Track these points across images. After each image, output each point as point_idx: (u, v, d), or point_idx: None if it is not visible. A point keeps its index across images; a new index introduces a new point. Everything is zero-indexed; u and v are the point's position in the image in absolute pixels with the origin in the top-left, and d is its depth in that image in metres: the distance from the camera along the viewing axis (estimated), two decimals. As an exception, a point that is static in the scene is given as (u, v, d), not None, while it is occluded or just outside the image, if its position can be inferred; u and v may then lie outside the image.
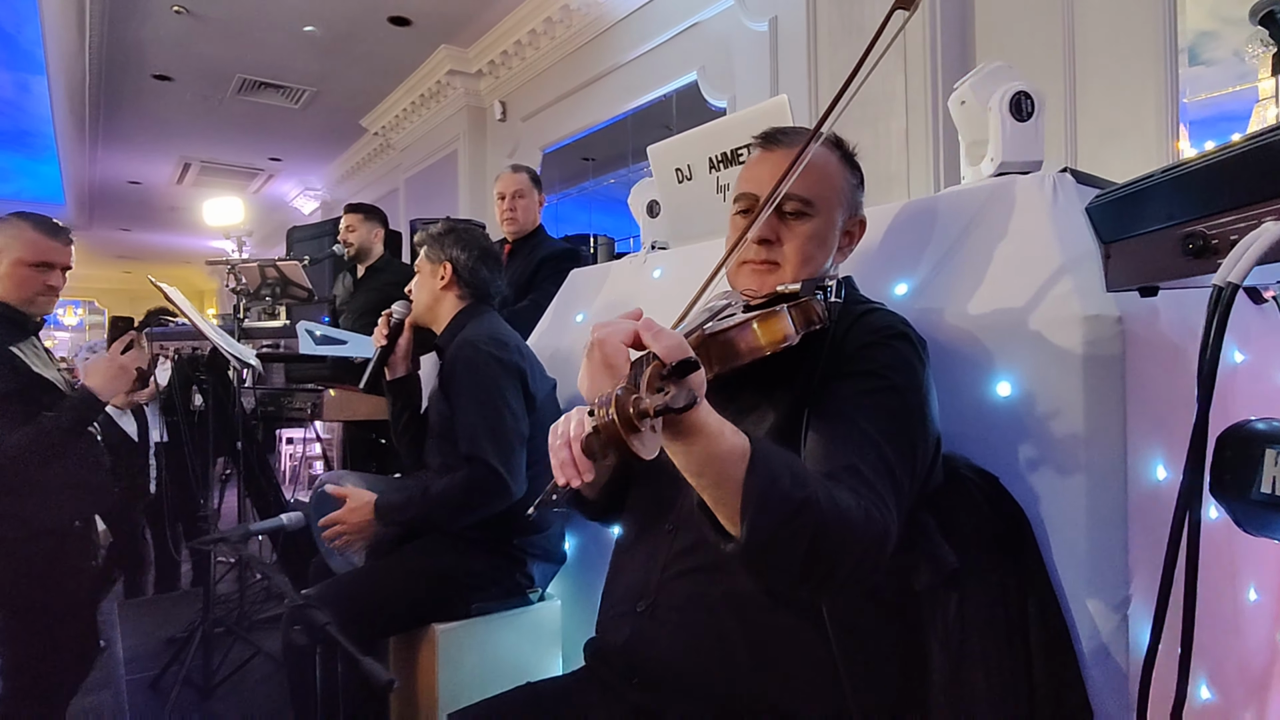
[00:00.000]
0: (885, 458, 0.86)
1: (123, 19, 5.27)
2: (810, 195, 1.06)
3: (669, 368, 0.67)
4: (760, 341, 0.86)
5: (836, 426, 0.90)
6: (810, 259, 1.06)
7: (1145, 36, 2.42)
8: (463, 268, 1.94)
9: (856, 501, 0.80)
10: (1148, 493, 1.03)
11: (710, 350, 0.84)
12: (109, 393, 1.98)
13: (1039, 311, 1.07)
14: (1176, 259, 0.79)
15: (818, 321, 0.95)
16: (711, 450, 0.72)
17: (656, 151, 1.92)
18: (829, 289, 1.00)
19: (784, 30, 3.55)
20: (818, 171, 1.07)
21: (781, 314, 0.88)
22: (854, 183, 1.13)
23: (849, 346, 0.96)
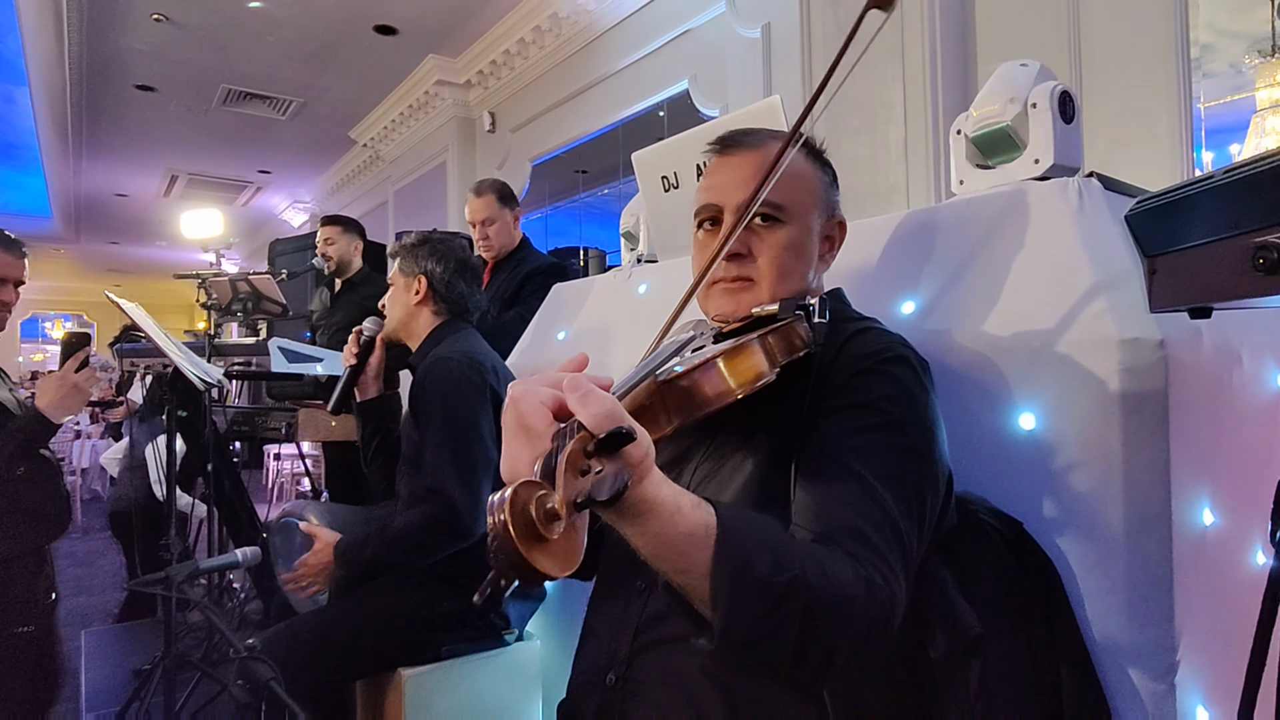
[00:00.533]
0: (888, 510, 0.73)
1: (102, 28, 5.16)
2: (780, 199, 0.93)
3: (595, 441, 0.52)
4: (729, 384, 0.71)
5: (829, 475, 0.76)
6: (788, 271, 0.94)
7: (1155, 43, 2.31)
8: (438, 281, 1.81)
9: (855, 571, 0.67)
10: (1194, 541, 0.90)
11: (667, 399, 0.69)
12: (60, 413, 1.86)
13: (1067, 334, 0.94)
14: (1243, 275, 0.66)
15: (801, 347, 0.82)
16: (665, 534, 0.60)
17: (641, 159, 1.79)
18: (812, 308, 0.85)
19: (777, 37, 3.45)
20: (786, 172, 0.93)
21: (752, 347, 0.73)
22: (827, 181, 1.00)
23: (838, 375, 0.83)
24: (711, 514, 0.62)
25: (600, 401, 0.55)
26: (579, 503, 0.49)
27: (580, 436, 0.52)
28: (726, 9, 3.72)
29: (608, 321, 1.87)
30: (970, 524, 0.89)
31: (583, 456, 0.51)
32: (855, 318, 0.95)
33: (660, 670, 0.84)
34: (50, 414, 1.85)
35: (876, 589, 0.67)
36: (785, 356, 0.79)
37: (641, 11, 4.29)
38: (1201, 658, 0.89)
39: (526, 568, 0.47)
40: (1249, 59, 3.04)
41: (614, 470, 0.52)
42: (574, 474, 0.50)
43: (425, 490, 1.57)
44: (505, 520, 0.47)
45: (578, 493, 0.49)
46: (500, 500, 0.48)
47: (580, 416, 0.54)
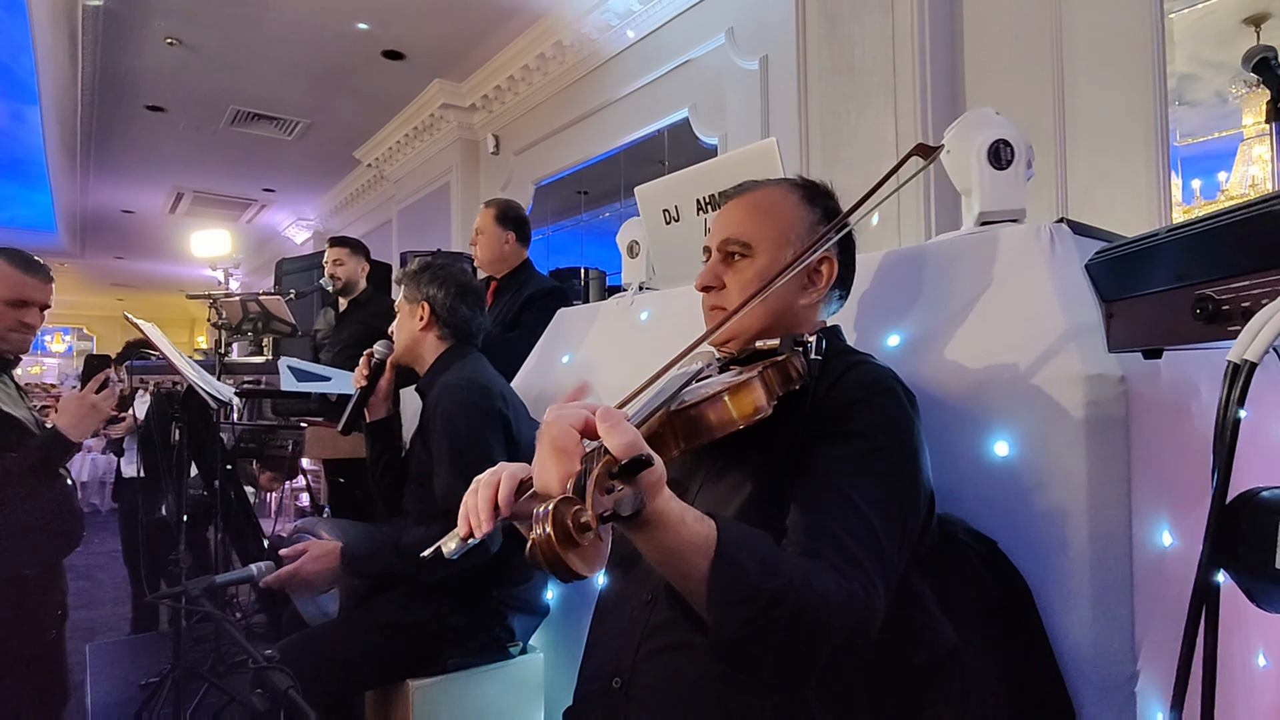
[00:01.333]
0: (872, 529, 0.81)
1: (116, 50, 5.28)
2: (747, 237, 1.06)
3: (619, 465, 0.62)
4: (733, 414, 0.80)
5: (819, 496, 0.85)
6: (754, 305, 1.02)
7: (1133, 80, 2.42)
8: (441, 307, 1.88)
9: (837, 582, 0.75)
10: (1153, 560, 0.98)
11: (676, 427, 0.78)
12: (79, 432, 1.92)
13: (1038, 369, 1.03)
14: (1185, 322, 0.75)
15: (796, 380, 0.91)
16: (671, 543, 0.69)
17: (644, 192, 1.89)
18: (809, 345, 0.94)
19: (774, 69, 3.57)
20: (761, 212, 1.09)
21: (753, 384, 0.82)
22: (813, 219, 1.08)
23: (832, 405, 0.91)
24: (712, 527, 0.71)
25: (625, 432, 0.64)
26: (605, 516, 0.59)
27: (606, 460, 0.62)
28: (726, 41, 3.84)
29: (611, 346, 1.95)
30: (949, 543, 0.97)
31: (607, 478, 0.61)
32: (849, 351, 1.03)
33: (664, 674, 0.91)
34: (69, 433, 1.90)
35: (856, 599, 0.75)
36: (783, 388, 0.87)
37: (643, 41, 4.41)
38: (1160, 666, 0.96)
39: (564, 568, 0.56)
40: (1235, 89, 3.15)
41: (633, 491, 0.61)
42: (601, 492, 0.60)
43: (439, 511, 1.63)
44: (548, 531, 0.56)
45: (604, 508, 0.59)
46: (543, 513, 0.57)
47: (608, 443, 0.64)
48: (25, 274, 1.92)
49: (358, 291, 3.62)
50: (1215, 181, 3.97)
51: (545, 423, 0.70)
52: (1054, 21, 2.59)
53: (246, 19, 4.87)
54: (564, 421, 0.68)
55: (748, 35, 3.75)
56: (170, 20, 4.94)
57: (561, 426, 0.67)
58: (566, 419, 0.68)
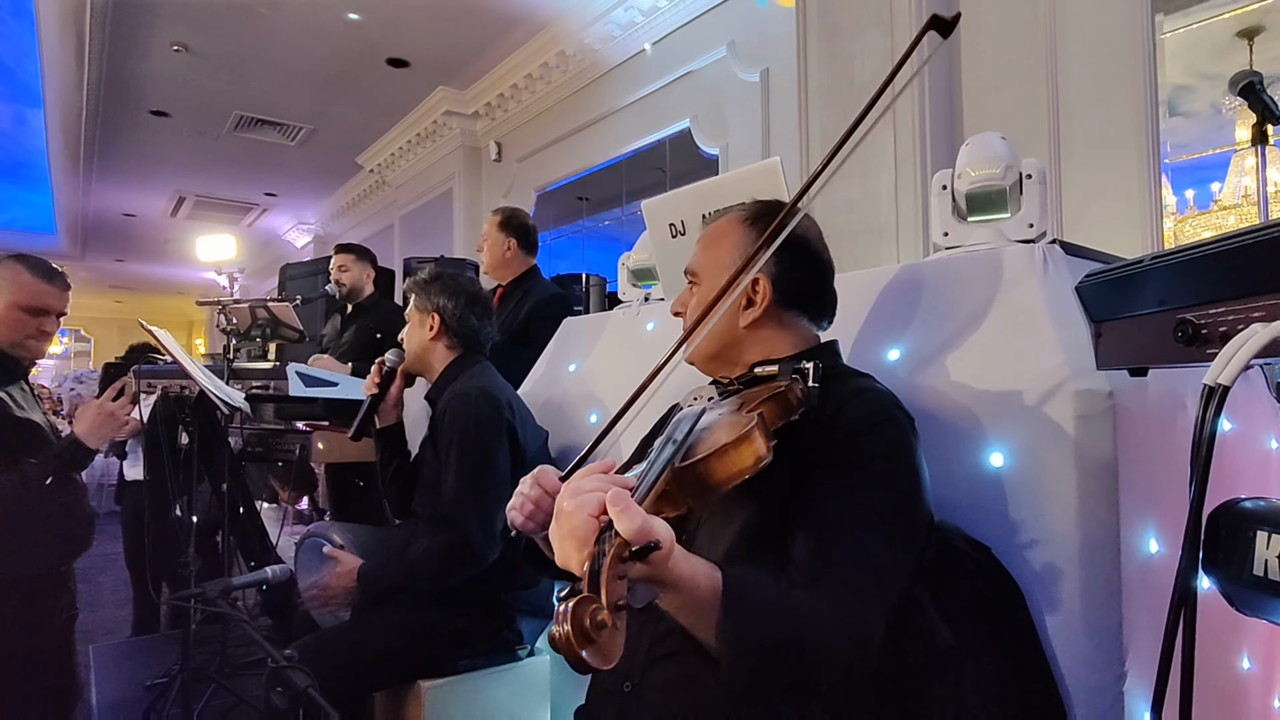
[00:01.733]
0: (874, 559, 0.86)
1: (122, 55, 5.33)
2: (696, 266, 1.16)
3: (630, 551, 0.66)
4: (737, 466, 0.80)
5: (822, 526, 0.88)
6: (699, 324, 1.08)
7: (1126, 97, 2.49)
8: (450, 317, 1.93)
9: (836, 619, 0.80)
10: (1141, 566, 1.03)
11: (684, 484, 0.79)
12: (96, 440, 1.95)
13: (1031, 383, 1.08)
14: (1167, 344, 0.80)
15: (797, 408, 0.93)
16: (682, 603, 0.74)
17: (651, 206, 1.94)
18: (806, 371, 0.97)
19: (775, 81, 3.63)
20: (709, 241, 1.17)
21: (753, 433, 0.82)
22: (749, 240, 1.10)
23: (834, 434, 0.94)
24: (719, 580, 0.75)
25: (635, 517, 0.66)
26: (620, 606, 0.62)
27: (619, 543, 0.65)
28: (727, 53, 3.91)
29: (617, 356, 2.00)
30: (946, 550, 1.02)
31: (620, 561, 0.65)
32: (848, 375, 1.06)
33: (673, 677, 0.96)
34: (87, 440, 1.93)
35: (856, 635, 0.80)
36: (782, 420, 0.90)
37: (645, 53, 4.47)
38: (1147, 669, 1.01)
39: (582, 665, 0.59)
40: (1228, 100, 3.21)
41: (647, 576, 0.67)
42: (614, 578, 0.63)
43: (443, 518, 1.68)
44: (567, 630, 0.59)
45: (619, 596, 0.63)
46: (562, 613, 0.60)
47: (620, 528, 0.66)
48: (46, 282, 1.96)
49: (363, 297, 3.67)
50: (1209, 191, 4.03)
51: (561, 510, 0.73)
52: (1048, 40, 2.66)
53: (251, 26, 4.93)
54: (581, 512, 0.70)
55: (749, 48, 3.81)
56: (176, 27, 4.99)
57: (579, 518, 0.70)
58: (583, 509, 0.70)
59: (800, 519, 0.91)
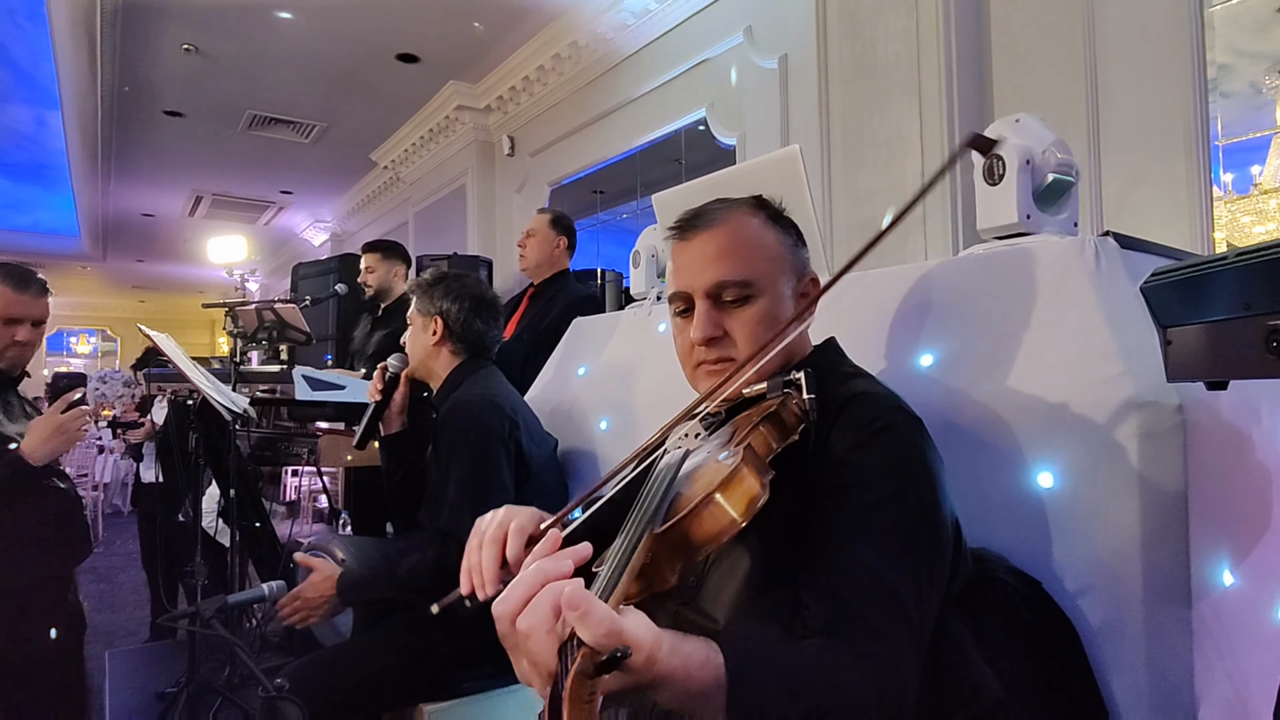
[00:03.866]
0: (893, 591, 0.75)
1: (134, 57, 5.30)
2: (746, 275, 0.94)
3: (596, 663, 0.53)
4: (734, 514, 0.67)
5: (831, 561, 0.77)
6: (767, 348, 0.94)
7: (1171, 75, 2.33)
8: (454, 321, 1.84)
9: (864, 673, 0.69)
10: (1214, 602, 0.91)
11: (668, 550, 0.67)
12: (43, 455, 1.83)
13: (1085, 394, 0.96)
14: (1256, 356, 0.68)
15: (796, 425, 0.81)
16: (679, 697, 0.61)
17: (662, 200, 1.83)
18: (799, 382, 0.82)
19: (794, 68, 3.49)
20: (747, 244, 0.95)
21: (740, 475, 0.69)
22: (790, 242, 0.99)
23: (834, 449, 0.83)
24: (720, 662, 0.63)
25: (599, 622, 0.54)
26: None
27: (583, 655, 0.53)
28: (744, 40, 3.77)
29: (629, 358, 1.89)
30: (989, 583, 0.90)
31: (584, 679, 0.52)
32: (846, 376, 0.94)
33: None
34: (32, 456, 1.81)
35: (887, 688, 0.69)
36: (781, 442, 0.79)
37: (659, 41, 4.35)
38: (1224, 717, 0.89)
39: None
40: (1269, 79, 3.03)
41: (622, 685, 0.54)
42: (580, 702, 0.51)
43: (440, 533, 1.59)
44: None
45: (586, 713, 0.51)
46: None
47: (582, 636, 0.54)
48: (17, 291, 1.89)
49: (392, 298, 3.48)
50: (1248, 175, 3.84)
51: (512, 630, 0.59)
52: (1086, 14, 2.50)
53: (260, 25, 4.87)
54: (536, 632, 0.57)
55: (766, 34, 3.67)
56: (187, 27, 4.95)
57: (535, 641, 0.57)
58: (536, 627, 0.57)
59: (808, 555, 0.80)
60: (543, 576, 0.60)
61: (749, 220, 0.99)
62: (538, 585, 0.59)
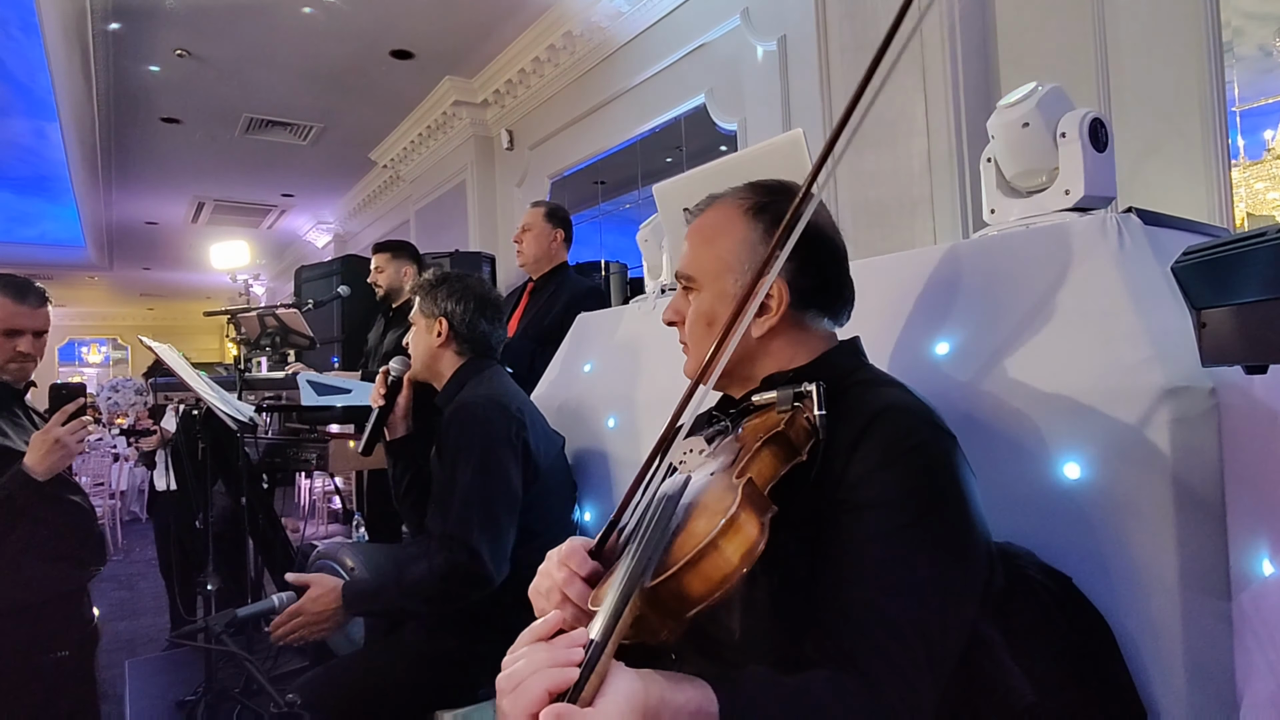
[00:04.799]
0: (917, 622, 0.70)
1: (127, 64, 5.28)
2: (690, 269, 0.97)
3: None
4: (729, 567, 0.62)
5: (851, 588, 0.72)
6: (700, 339, 0.95)
7: (1185, 41, 2.25)
8: (459, 322, 1.80)
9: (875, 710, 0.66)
10: (1254, 592, 0.87)
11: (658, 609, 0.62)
12: (44, 470, 1.79)
13: (1112, 380, 0.91)
14: (1301, 338, 0.64)
15: (801, 448, 0.76)
16: None
17: (662, 190, 1.79)
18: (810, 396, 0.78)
19: (793, 50, 3.43)
20: (707, 238, 0.96)
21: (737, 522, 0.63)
22: (755, 236, 0.92)
23: (859, 468, 0.77)
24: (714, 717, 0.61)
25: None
26: None
27: None
28: (741, 22, 3.71)
29: (635, 352, 1.86)
30: (1018, 580, 0.86)
31: None
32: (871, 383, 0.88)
33: None
34: (34, 471, 1.78)
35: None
36: (785, 465, 0.74)
37: (655, 27, 4.28)
38: (1267, 714, 0.85)
39: None
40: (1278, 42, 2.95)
41: None
42: None
43: (447, 538, 1.56)
44: None
45: None
46: None
47: None
48: (16, 302, 1.86)
49: (403, 297, 3.44)
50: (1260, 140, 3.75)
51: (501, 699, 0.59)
52: (1093, -18, 2.43)
53: (251, 26, 4.83)
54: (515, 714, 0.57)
55: (764, 16, 3.61)
56: (178, 32, 4.91)
57: None
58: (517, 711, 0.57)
59: (825, 573, 0.75)
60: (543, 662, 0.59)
61: (726, 212, 0.96)
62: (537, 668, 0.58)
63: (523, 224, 3.01)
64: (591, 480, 1.86)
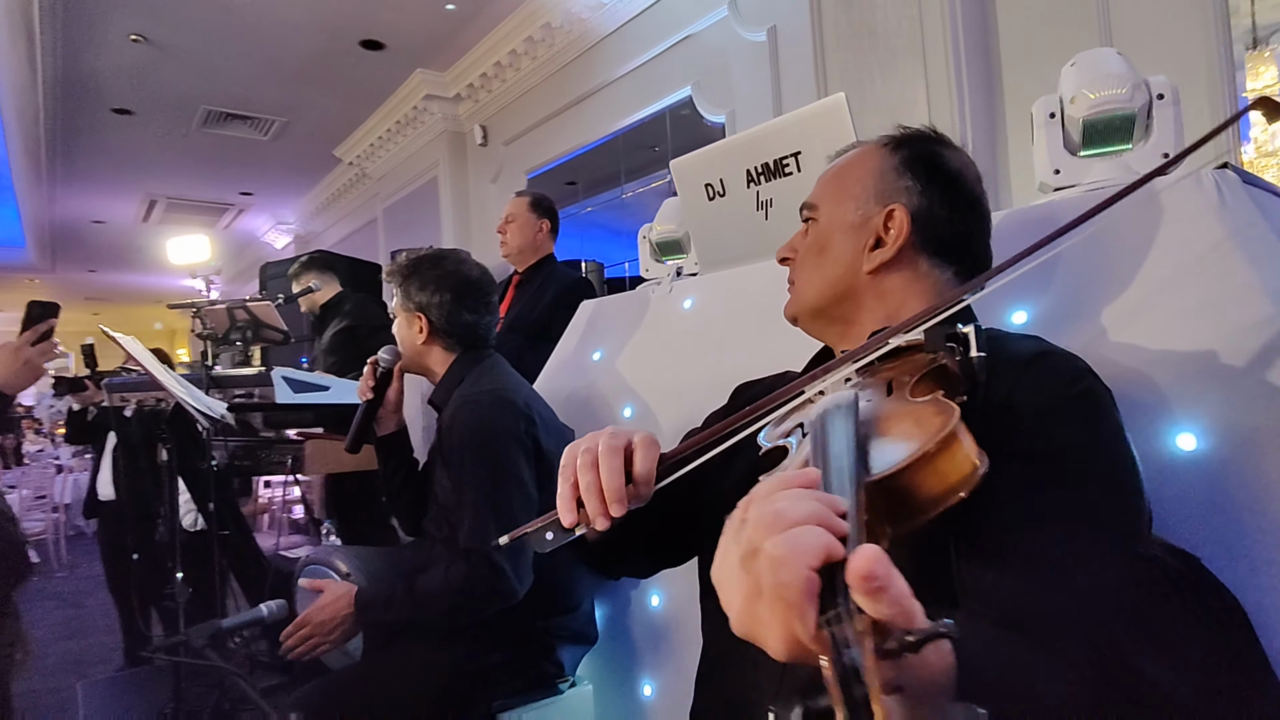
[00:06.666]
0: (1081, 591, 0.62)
1: (77, 50, 4.98)
2: (813, 197, 0.95)
3: (903, 644, 0.37)
4: (959, 476, 0.53)
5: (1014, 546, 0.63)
6: (811, 272, 0.91)
7: (1192, 25, 2.24)
8: (438, 316, 1.64)
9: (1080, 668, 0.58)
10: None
11: (877, 510, 0.52)
12: (10, 387, 1.63)
13: (1228, 342, 0.84)
14: None
15: (960, 391, 0.67)
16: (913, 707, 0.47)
17: (681, 166, 1.69)
18: (965, 338, 0.69)
19: (784, 39, 3.37)
20: (837, 170, 0.94)
21: (960, 435, 0.55)
22: (888, 165, 0.88)
23: (1023, 410, 0.68)
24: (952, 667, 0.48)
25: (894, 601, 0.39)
26: None
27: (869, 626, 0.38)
28: (729, 13, 3.64)
29: (652, 339, 1.75)
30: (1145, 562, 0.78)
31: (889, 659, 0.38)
32: (1009, 335, 0.81)
33: None
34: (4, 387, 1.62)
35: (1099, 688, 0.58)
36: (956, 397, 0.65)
37: (638, 19, 4.19)
38: None
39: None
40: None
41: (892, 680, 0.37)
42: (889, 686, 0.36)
43: (462, 551, 1.43)
44: None
45: None
46: None
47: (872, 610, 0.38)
48: None
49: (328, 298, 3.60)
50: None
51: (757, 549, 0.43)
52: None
53: (214, 11, 4.60)
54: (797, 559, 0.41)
55: (752, 6, 3.54)
56: (134, 16, 4.65)
57: (789, 570, 0.41)
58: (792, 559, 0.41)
59: (977, 536, 0.66)
60: (818, 514, 0.44)
61: (864, 149, 0.94)
62: (810, 518, 0.44)
63: (506, 214, 2.93)
64: (605, 474, 1.74)
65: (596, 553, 0.91)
